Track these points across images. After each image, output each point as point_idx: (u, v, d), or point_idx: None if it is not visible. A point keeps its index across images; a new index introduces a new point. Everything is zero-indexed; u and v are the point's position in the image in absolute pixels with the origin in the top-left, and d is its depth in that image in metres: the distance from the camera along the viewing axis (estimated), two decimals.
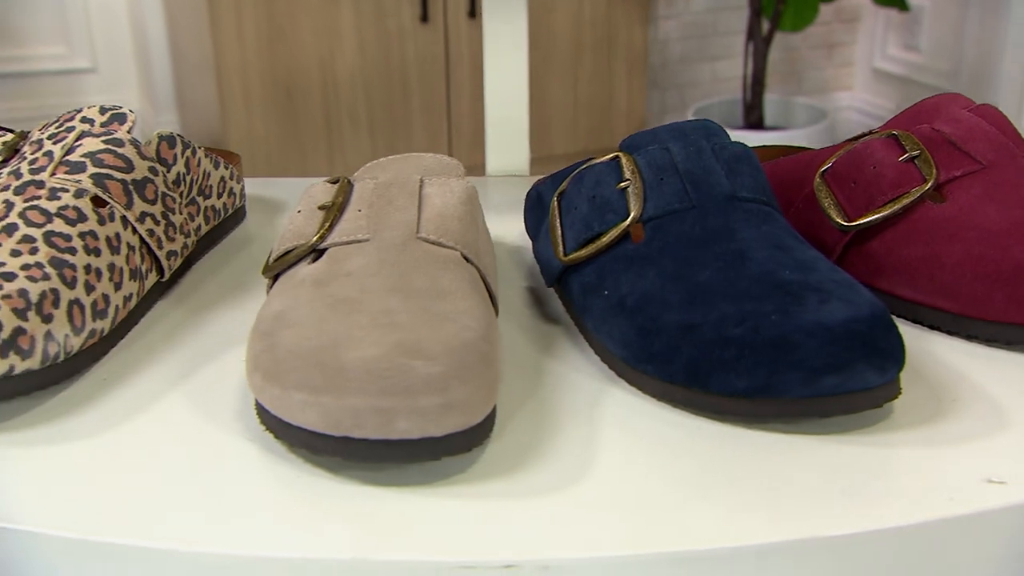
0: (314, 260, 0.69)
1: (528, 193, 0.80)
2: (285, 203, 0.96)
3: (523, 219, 0.84)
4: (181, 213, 0.77)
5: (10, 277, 0.65)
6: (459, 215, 0.69)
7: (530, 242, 0.86)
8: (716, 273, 0.66)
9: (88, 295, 0.68)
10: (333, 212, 0.70)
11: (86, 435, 0.64)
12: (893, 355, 0.61)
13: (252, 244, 0.88)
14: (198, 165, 0.81)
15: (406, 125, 3.33)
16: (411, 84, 3.27)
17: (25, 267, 0.66)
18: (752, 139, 2.97)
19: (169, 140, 0.79)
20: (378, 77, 3.23)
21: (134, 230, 0.74)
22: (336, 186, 0.71)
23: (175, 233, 0.77)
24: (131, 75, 3.86)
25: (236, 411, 0.66)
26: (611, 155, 0.73)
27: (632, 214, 0.70)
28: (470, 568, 0.55)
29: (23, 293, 0.65)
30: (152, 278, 0.75)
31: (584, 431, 0.64)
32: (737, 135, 2.95)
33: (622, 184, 0.71)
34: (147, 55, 3.59)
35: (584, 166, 0.74)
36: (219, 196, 0.85)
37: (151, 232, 0.74)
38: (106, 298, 0.70)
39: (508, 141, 0.95)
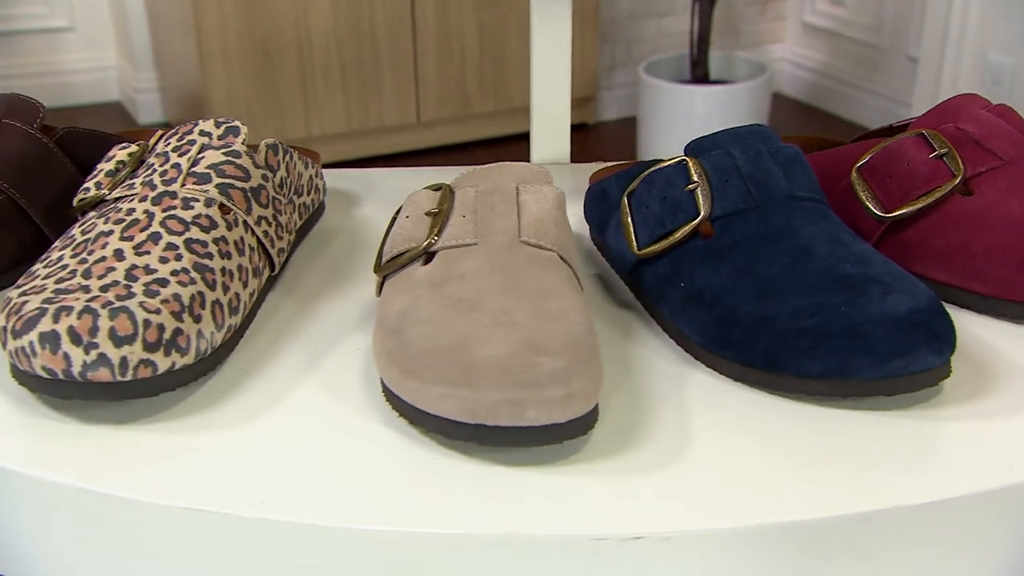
0: (426, 262, 0.72)
1: (591, 188, 0.84)
2: (356, 195, 0.99)
3: (582, 210, 0.88)
4: (285, 213, 0.81)
5: (164, 283, 0.69)
6: (554, 219, 0.73)
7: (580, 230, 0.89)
8: (784, 268, 0.70)
9: (225, 295, 0.72)
10: (441, 218, 0.73)
11: (239, 420, 0.69)
12: (948, 339, 0.66)
13: (337, 236, 0.92)
14: (294, 167, 0.85)
15: (377, 84, 3.35)
16: (380, 44, 3.28)
17: (174, 273, 0.70)
18: (699, 93, 3.01)
19: (273, 148, 0.82)
20: (349, 38, 3.24)
21: (253, 232, 0.77)
22: (439, 193, 0.74)
23: (282, 232, 0.80)
24: (108, 34, 3.84)
25: (364, 396, 0.70)
26: (678, 159, 0.76)
27: (702, 213, 0.74)
28: (602, 540, 0.59)
29: (177, 297, 0.68)
30: (266, 273, 0.79)
31: (674, 410, 0.68)
32: (685, 89, 2.99)
33: (690, 186, 0.75)
34: (124, 14, 3.57)
35: (652, 169, 0.77)
36: (308, 193, 0.88)
37: (266, 233, 0.78)
38: (238, 296, 0.73)
39: (551, 134, 0.99)
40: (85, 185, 0.78)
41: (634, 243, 0.77)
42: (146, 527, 0.63)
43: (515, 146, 3.57)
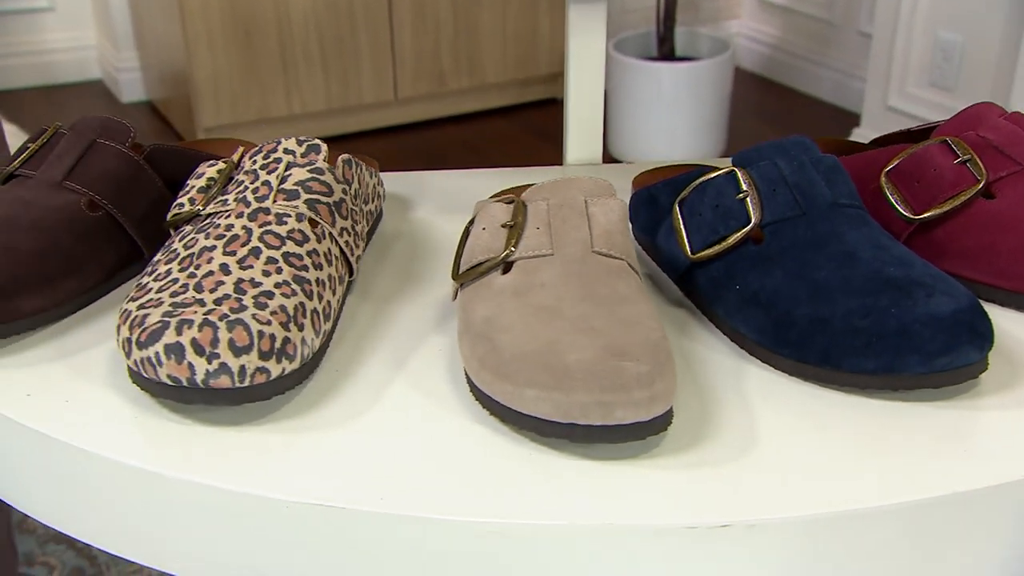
0: (504, 271, 0.75)
1: (638, 193, 0.88)
2: (409, 198, 1.02)
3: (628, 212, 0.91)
4: (360, 222, 0.84)
5: (270, 295, 0.72)
6: (621, 230, 0.77)
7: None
8: (833, 272, 0.74)
9: (320, 303, 0.75)
10: (517, 230, 0.76)
11: (343, 419, 0.72)
12: (988, 336, 0.71)
13: (398, 240, 0.95)
14: (363, 178, 0.88)
15: (355, 62, 3.36)
16: (358, 23, 3.29)
17: (277, 285, 0.73)
18: (666, 70, 3.05)
19: (348, 163, 0.85)
20: (328, 17, 3.25)
21: (336, 243, 0.80)
22: (511, 206, 0.78)
23: (359, 240, 0.84)
24: (88, 14, 3.83)
25: (453, 394, 0.74)
26: (727, 169, 0.80)
27: (753, 220, 0.78)
28: (692, 528, 0.63)
29: (284, 308, 0.72)
30: (346, 280, 0.82)
31: (737, 404, 0.73)
32: (652, 66, 3.03)
33: (740, 195, 0.79)
34: None
35: (703, 179, 0.81)
36: (372, 201, 0.91)
37: (347, 243, 0.81)
38: (329, 304, 0.77)
39: (585, 137, 1.02)
40: (179, 201, 0.81)
41: (687, 247, 0.81)
42: (273, 522, 0.66)
43: (489, 121, 3.60)
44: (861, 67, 3.56)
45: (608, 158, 3.37)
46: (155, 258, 0.79)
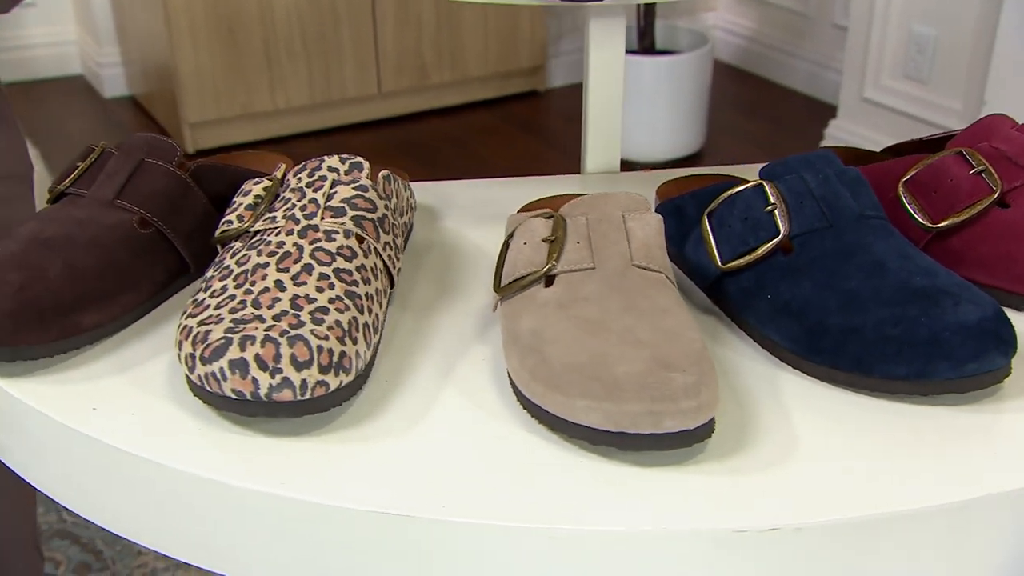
0: (547, 285, 0.78)
1: (664, 204, 0.90)
2: (436, 208, 1.04)
3: None
4: (398, 235, 0.87)
5: (325, 311, 0.74)
6: (658, 244, 0.80)
7: None
8: (862, 282, 0.77)
9: (370, 316, 0.78)
10: (558, 245, 0.79)
11: (399, 429, 0.75)
12: (1012, 342, 0.74)
13: (430, 250, 0.97)
14: (399, 192, 0.90)
15: (338, 56, 3.38)
16: (341, 17, 3.31)
17: (331, 300, 0.76)
18: (647, 63, 3.07)
19: (388, 179, 0.88)
20: (311, 12, 3.26)
21: (380, 257, 0.82)
22: (551, 221, 0.80)
23: (399, 252, 0.86)
24: (69, 9, 3.82)
25: (501, 403, 0.77)
26: (755, 183, 0.83)
27: (782, 232, 0.81)
28: (742, 532, 0.66)
29: (339, 324, 0.74)
30: (389, 292, 0.84)
31: (774, 409, 0.76)
32: (633, 59, 3.06)
33: (769, 207, 0.82)
34: None
35: (731, 192, 0.84)
36: (406, 213, 0.94)
37: (390, 257, 0.84)
38: (377, 316, 0.79)
39: (604, 146, 1.05)
40: (227, 218, 0.83)
41: (716, 258, 0.84)
42: (337, 530, 0.69)
43: (472, 114, 3.62)
44: (835, 59, 3.60)
45: None
46: (208, 274, 0.81)
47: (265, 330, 0.72)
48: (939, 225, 0.86)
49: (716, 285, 0.85)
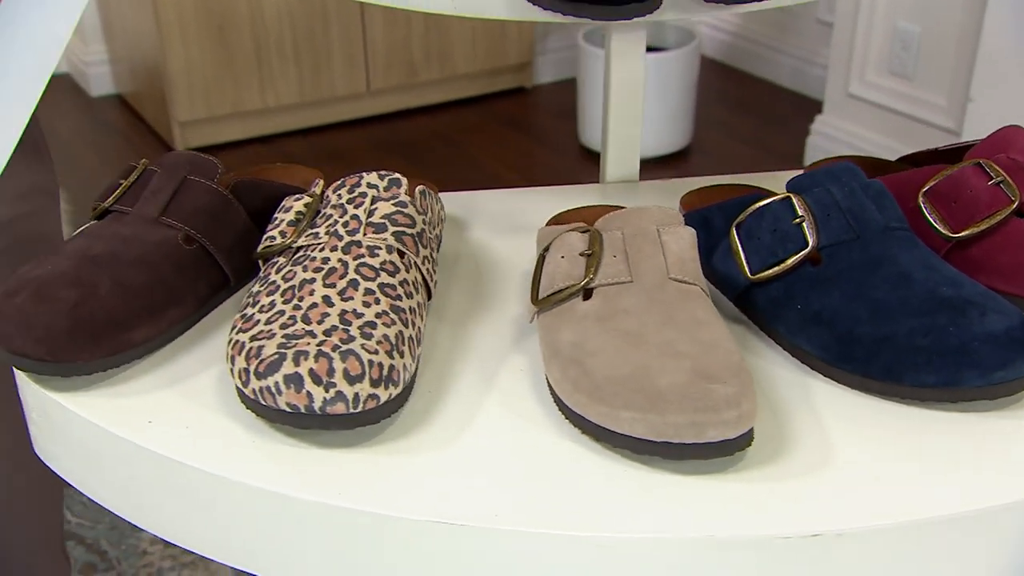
0: (585, 298, 0.80)
1: (690, 215, 0.93)
2: (463, 219, 1.06)
3: None
4: (434, 248, 0.89)
5: (373, 325, 0.77)
6: (692, 257, 0.82)
7: None
8: (890, 292, 0.80)
9: (413, 330, 0.80)
10: (595, 259, 0.81)
11: (447, 439, 0.77)
12: None
13: (460, 260, 0.99)
14: (432, 205, 0.93)
15: (327, 55, 3.39)
16: (330, 16, 3.32)
17: (378, 315, 0.78)
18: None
19: (424, 194, 0.90)
20: (301, 10, 3.27)
21: (419, 271, 0.85)
22: (587, 235, 0.83)
23: (435, 265, 0.88)
24: None
25: (542, 414, 0.79)
26: (783, 196, 0.86)
27: (811, 243, 0.83)
28: (787, 538, 0.68)
29: (387, 338, 0.76)
30: (426, 304, 0.87)
31: (807, 417, 0.78)
32: None
33: (797, 220, 0.84)
34: None
35: (759, 204, 0.86)
36: (438, 226, 0.96)
37: (428, 270, 0.86)
38: (420, 329, 0.82)
39: (624, 156, 1.07)
40: (270, 234, 0.85)
41: (746, 269, 0.86)
42: (392, 540, 0.71)
43: (460, 111, 3.63)
44: (820, 54, 3.63)
45: (581, 147, 3.42)
46: (254, 289, 0.83)
47: (317, 345, 0.74)
48: (959, 235, 0.89)
49: (744, 295, 0.88)
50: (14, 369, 0.83)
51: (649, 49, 3.26)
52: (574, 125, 3.46)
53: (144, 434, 0.77)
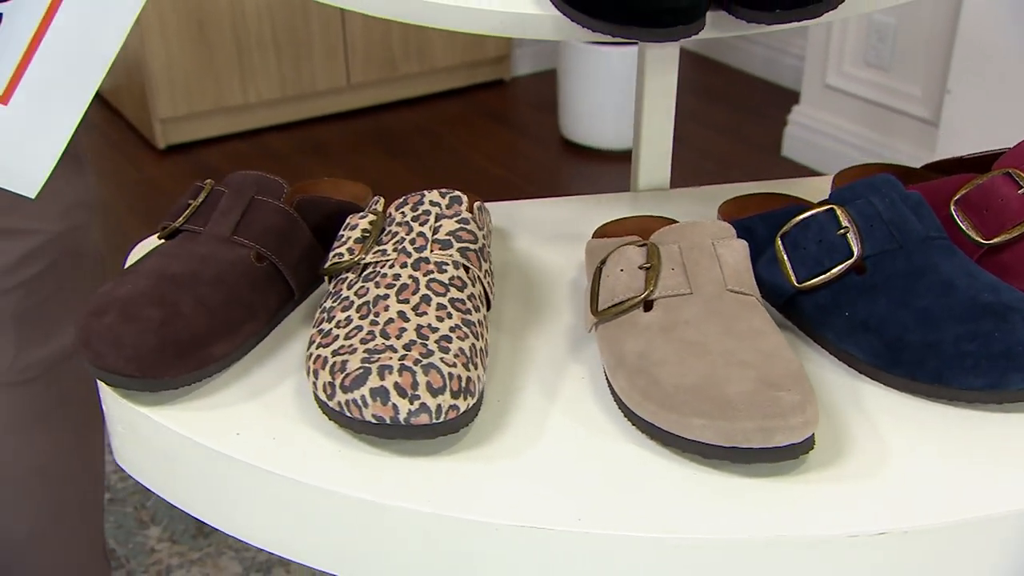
0: (646, 309, 0.84)
1: (733, 224, 0.97)
2: (505, 229, 1.10)
3: None
4: (491, 262, 0.93)
5: (449, 339, 0.81)
6: (747, 268, 0.86)
7: None
8: (934, 300, 0.84)
9: (482, 342, 0.84)
10: (654, 271, 0.85)
11: (522, 446, 0.81)
12: None
13: (510, 271, 1.03)
14: (485, 220, 0.96)
15: (308, 49, 3.41)
16: (310, 11, 3.34)
17: (452, 329, 0.82)
18: (615, 53, 3.14)
19: (480, 209, 0.94)
20: (280, 6, 3.29)
21: (482, 284, 0.89)
22: (644, 249, 0.87)
23: (493, 278, 0.92)
24: None
25: (608, 420, 0.83)
26: (826, 207, 0.90)
27: (856, 253, 0.88)
28: (855, 537, 0.73)
29: (462, 351, 0.80)
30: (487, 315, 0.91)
31: (861, 420, 0.83)
32: (603, 49, 3.12)
33: (841, 231, 0.89)
34: None
35: (804, 216, 0.91)
36: (488, 237, 1.00)
37: (489, 283, 0.90)
38: (487, 341, 0.85)
39: (655, 166, 1.11)
40: (338, 251, 0.89)
41: (792, 277, 0.90)
42: (479, 543, 0.75)
43: (440, 104, 3.66)
44: (794, 45, 3.68)
45: (561, 139, 3.46)
46: (327, 304, 0.87)
47: (399, 359, 0.78)
48: (992, 241, 0.93)
49: (790, 302, 0.92)
50: (98, 383, 0.86)
51: (625, 41, 3.29)
52: (555, 117, 3.49)
53: (233, 445, 0.80)
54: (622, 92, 3.25)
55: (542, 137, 3.51)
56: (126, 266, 0.97)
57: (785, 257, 0.91)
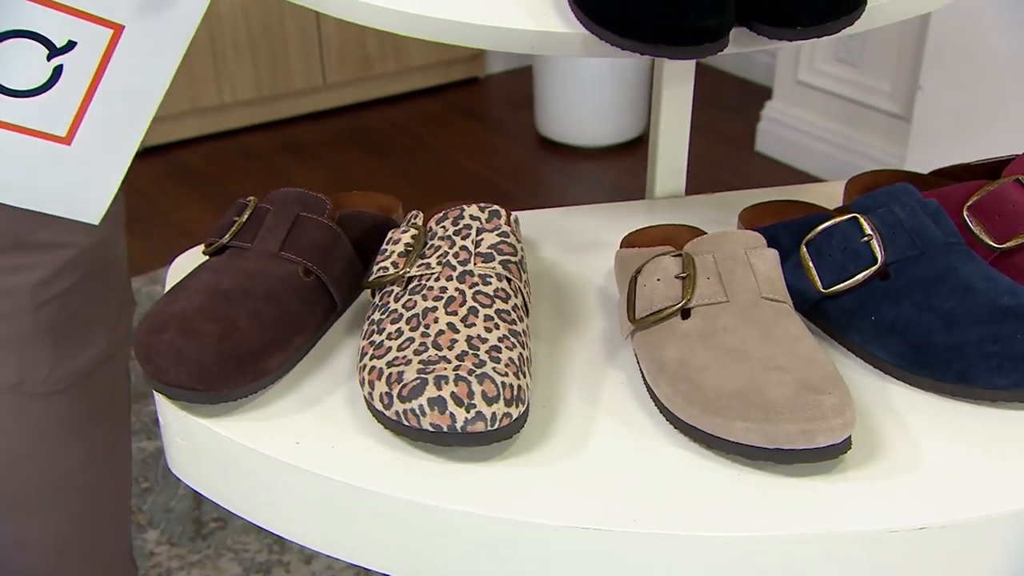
0: (684, 317, 0.88)
1: (755, 230, 1.00)
2: (533, 239, 1.13)
3: None
4: (528, 272, 0.96)
5: (499, 349, 0.84)
6: (779, 276, 0.90)
7: None
8: (957, 303, 0.88)
9: (527, 350, 0.87)
10: (691, 281, 0.89)
11: (573, 450, 0.85)
12: None
13: (541, 279, 1.05)
14: (520, 232, 1.00)
15: (283, 49, 3.43)
16: (284, 11, 3.36)
17: (500, 339, 0.85)
18: None
19: (516, 221, 0.97)
20: (255, 6, 3.30)
21: (523, 295, 0.92)
22: (679, 259, 0.90)
23: (529, 287, 0.96)
24: None
25: (650, 424, 0.87)
26: (849, 216, 0.94)
27: (880, 260, 0.92)
28: (894, 532, 0.77)
29: (512, 361, 0.84)
30: None
31: (890, 419, 0.86)
32: None
33: (865, 238, 0.93)
34: None
35: (827, 224, 0.94)
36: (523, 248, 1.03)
37: (528, 294, 0.93)
38: (531, 349, 0.89)
39: (671, 175, 1.15)
40: (382, 264, 0.92)
41: (818, 283, 0.94)
42: (537, 546, 0.79)
43: (416, 102, 3.69)
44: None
45: (538, 137, 3.49)
46: (375, 317, 0.90)
47: (454, 370, 0.81)
48: (1004, 246, 0.97)
49: (815, 307, 0.96)
50: (155, 395, 0.89)
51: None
52: (531, 115, 3.53)
53: (293, 453, 0.83)
54: (599, 90, 3.29)
55: (519, 135, 3.55)
56: (169, 281, 1.00)
57: (811, 264, 0.94)
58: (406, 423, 0.81)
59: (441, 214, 0.94)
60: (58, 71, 0.84)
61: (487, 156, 3.43)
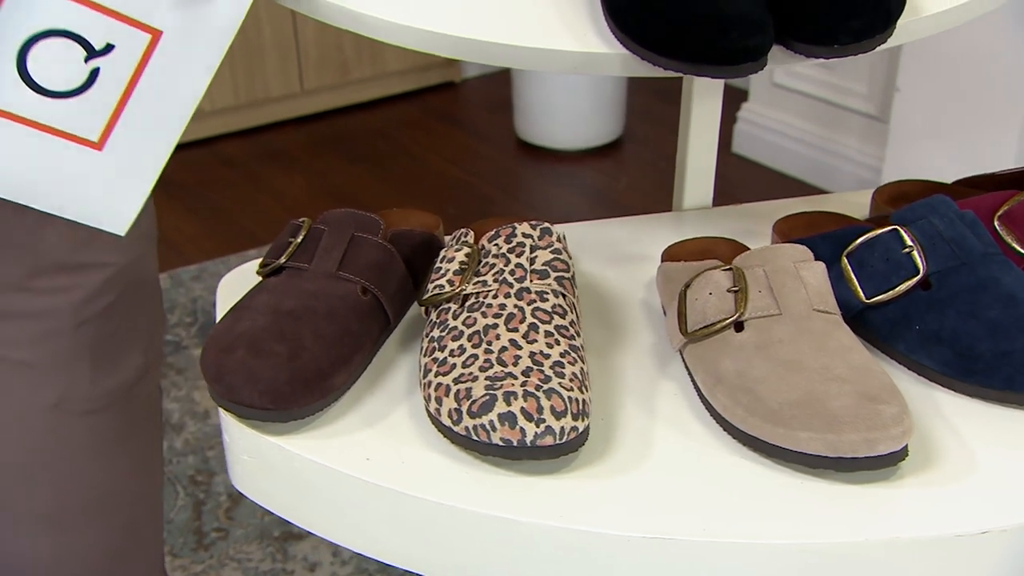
0: (737, 330, 0.90)
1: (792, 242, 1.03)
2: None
3: None
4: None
5: (562, 365, 0.86)
6: (828, 289, 0.92)
7: None
8: (1000, 312, 0.91)
9: (586, 365, 0.89)
10: (743, 294, 0.91)
11: (634, 462, 0.87)
12: None
13: (582, 296, 1.08)
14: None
15: (260, 56, 3.43)
16: (261, 18, 3.37)
17: (562, 355, 0.87)
18: None
19: (564, 238, 0.99)
20: None
21: (575, 310, 0.94)
22: (729, 273, 0.93)
23: (579, 303, 0.98)
24: None
25: (707, 433, 0.89)
26: (890, 228, 0.96)
27: (922, 270, 0.94)
28: (959, 536, 0.79)
29: (575, 375, 0.86)
30: None
31: (941, 426, 0.89)
32: None
33: (906, 249, 0.95)
34: None
35: (868, 236, 0.97)
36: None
37: (579, 309, 0.95)
38: (587, 362, 0.91)
39: (699, 186, 1.17)
40: (438, 283, 0.94)
41: (861, 294, 0.97)
42: (610, 556, 0.80)
43: (393, 107, 3.70)
44: None
45: (517, 140, 3.51)
46: (434, 334, 0.92)
47: (521, 386, 0.83)
48: None
49: (858, 317, 0.98)
50: (221, 414, 0.90)
51: None
52: (508, 119, 3.54)
53: (368, 470, 0.85)
54: (577, 93, 3.31)
55: (497, 138, 3.56)
56: (220, 300, 1.01)
57: (852, 275, 0.97)
58: (476, 438, 0.83)
59: (493, 232, 0.96)
60: (95, 74, 0.83)
61: (466, 160, 3.45)
